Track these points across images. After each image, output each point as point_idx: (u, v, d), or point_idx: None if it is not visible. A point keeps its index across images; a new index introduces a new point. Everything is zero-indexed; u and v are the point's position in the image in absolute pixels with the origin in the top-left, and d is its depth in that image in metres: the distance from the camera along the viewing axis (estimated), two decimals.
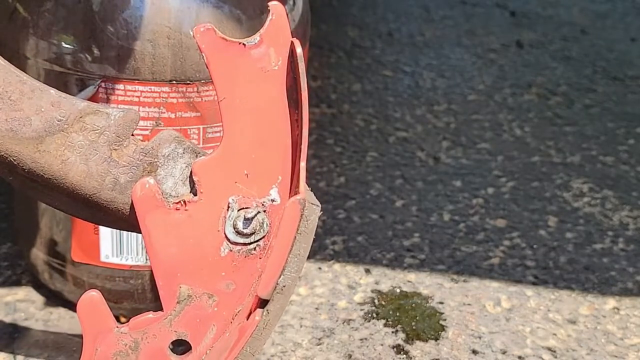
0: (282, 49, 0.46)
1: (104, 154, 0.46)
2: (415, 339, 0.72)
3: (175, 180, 0.46)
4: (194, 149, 0.47)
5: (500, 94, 1.20)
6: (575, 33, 1.44)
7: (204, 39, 0.45)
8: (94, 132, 0.46)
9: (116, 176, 0.46)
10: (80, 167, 0.46)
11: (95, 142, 0.46)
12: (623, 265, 0.84)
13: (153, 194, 0.45)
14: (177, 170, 0.46)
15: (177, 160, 0.46)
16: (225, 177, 0.46)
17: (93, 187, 0.46)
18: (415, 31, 1.40)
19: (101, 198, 0.46)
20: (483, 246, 0.86)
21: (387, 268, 0.81)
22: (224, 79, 0.46)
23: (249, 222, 0.46)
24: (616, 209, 0.94)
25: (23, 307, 0.72)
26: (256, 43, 0.46)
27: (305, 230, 0.46)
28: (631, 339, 0.74)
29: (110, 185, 0.46)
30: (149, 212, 0.46)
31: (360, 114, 1.11)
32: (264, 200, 0.46)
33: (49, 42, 0.62)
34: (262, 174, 0.46)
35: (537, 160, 1.03)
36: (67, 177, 0.46)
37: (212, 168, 0.46)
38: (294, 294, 0.77)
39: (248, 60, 0.46)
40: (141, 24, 0.60)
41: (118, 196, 0.46)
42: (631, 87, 1.25)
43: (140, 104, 0.62)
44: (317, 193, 0.93)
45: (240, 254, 0.46)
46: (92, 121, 0.46)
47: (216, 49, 0.46)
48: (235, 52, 0.46)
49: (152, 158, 0.46)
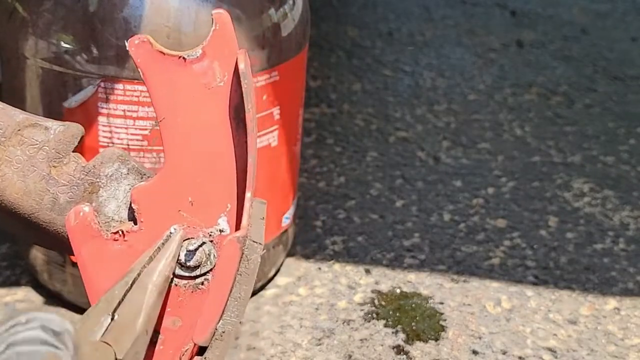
0: (228, 63, 0.42)
1: (42, 171, 0.43)
2: (415, 340, 0.72)
3: (118, 202, 0.43)
4: (139, 169, 0.44)
5: (501, 94, 1.19)
6: (576, 33, 1.43)
7: (139, 52, 0.41)
8: (32, 146, 0.42)
9: (55, 195, 0.43)
10: (17, 184, 0.43)
11: (34, 157, 0.42)
12: (624, 266, 0.84)
13: (88, 223, 0.42)
14: (121, 192, 0.43)
15: (121, 182, 0.43)
16: (168, 205, 0.42)
17: (31, 207, 0.43)
18: (415, 31, 1.40)
19: (39, 218, 0.43)
20: (483, 246, 0.86)
21: (387, 268, 0.81)
22: (164, 96, 0.42)
23: (193, 254, 0.42)
24: (617, 209, 0.94)
25: (22, 307, 0.72)
26: (198, 57, 0.42)
27: (246, 272, 0.42)
28: (632, 340, 0.74)
29: (48, 205, 0.43)
30: (85, 242, 0.42)
31: (360, 114, 1.11)
32: (212, 231, 0.42)
33: (48, 42, 0.61)
34: (208, 202, 0.42)
35: (537, 160, 1.03)
36: (4, 194, 0.43)
37: (153, 195, 0.42)
38: (293, 294, 0.77)
39: (189, 76, 0.42)
40: (140, 24, 0.60)
41: (57, 217, 0.43)
42: (632, 87, 1.24)
43: (139, 103, 0.62)
44: (317, 193, 0.93)
45: (187, 288, 0.42)
46: (31, 134, 0.43)
47: (153, 63, 0.42)
48: (175, 66, 0.42)
49: (93, 178, 0.43)
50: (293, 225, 0.80)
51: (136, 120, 0.62)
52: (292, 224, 0.79)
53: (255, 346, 0.70)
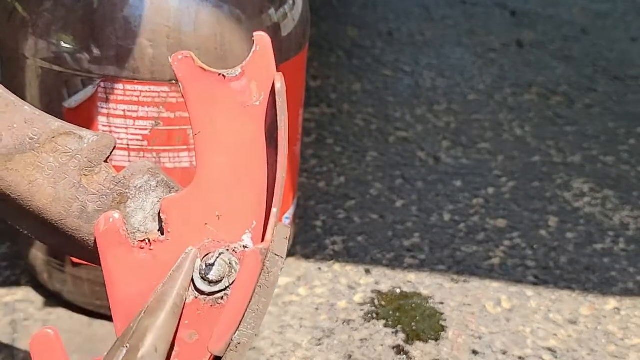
0: (265, 84, 0.43)
1: (73, 179, 0.43)
2: (416, 340, 0.72)
3: (145, 214, 0.44)
4: (168, 182, 0.44)
5: (501, 94, 1.19)
6: (576, 33, 1.43)
7: (182, 67, 0.42)
8: (65, 154, 0.43)
9: (84, 203, 0.43)
10: (47, 190, 0.43)
11: (66, 165, 0.43)
12: (624, 266, 0.84)
13: (117, 229, 0.43)
14: (148, 204, 0.44)
15: (149, 194, 0.44)
16: (195, 218, 0.43)
17: (59, 213, 0.43)
18: (415, 31, 1.40)
19: (67, 225, 0.44)
20: (483, 246, 0.86)
21: (387, 268, 0.81)
22: (201, 111, 0.43)
23: (217, 268, 0.42)
24: (617, 209, 0.94)
25: (22, 307, 0.72)
26: (237, 75, 0.43)
27: (265, 284, 0.42)
28: (632, 340, 0.74)
29: (76, 213, 0.43)
30: (111, 248, 0.43)
31: (360, 114, 1.11)
32: (236, 246, 0.43)
33: (48, 42, 0.61)
34: (235, 217, 0.43)
35: (537, 160, 1.03)
36: (33, 200, 0.43)
37: (182, 206, 0.43)
38: (293, 294, 0.77)
39: (227, 93, 0.43)
40: (140, 24, 0.60)
41: (84, 225, 0.44)
42: (632, 87, 1.24)
43: (139, 103, 0.62)
44: (317, 193, 0.93)
45: (207, 302, 0.43)
46: (65, 143, 0.43)
47: (194, 79, 0.43)
48: (214, 83, 0.43)
49: (123, 188, 0.44)
50: (293, 225, 0.80)
51: (136, 120, 0.62)
52: (292, 224, 0.79)
53: (255, 346, 0.70)
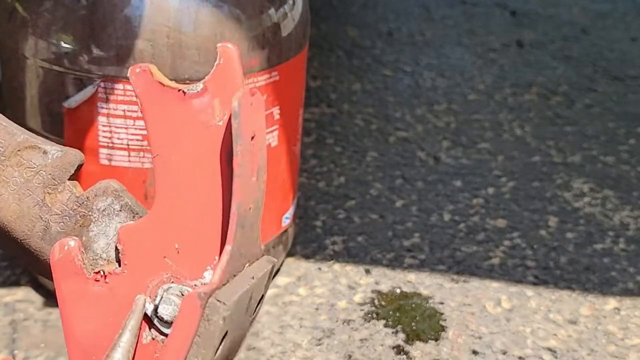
0: (230, 101, 0.38)
1: (37, 197, 0.42)
2: (416, 340, 0.72)
3: (107, 240, 0.42)
4: (132, 207, 0.42)
5: (501, 94, 1.19)
6: (576, 33, 1.43)
7: (139, 82, 0.39)
8: (29, 169, 0.42)
9: (47, 224, 0.42)
10: (12, 206, 0.42)
11: (30, 181, 0.42)
12: (624, 266, 0.84)
13: (72, 259, 0.40)
14: (111, 229, 0.42)
15: (112, 218, 0.42)
16: (154, 250, 0.40)
17: (23, 232, 0.42)
18: (415, 31, 1.40)
19: (31, 245, 0.43)
20: (483, 246, 0.86)
21: (387, 268, 0.81)
22: (160, 131, 0.39)
23: (170, 307, 0.39)
24: (617, 209, 0.94)
25: (22, 307, 0.72)
26: (198, 91, 0.39)
27: (205, 334, 0.38)
28: (632, 340, 0.74)
29: (39, 233, 0.42)
30: (66, 278, 0.40)
31: (360, 114, 1.11)
32: (196, 283, 0.39)
33: (48, 42, 0.61)
34: (195, 251, 0.39)
35: (537, 160, 1.03)
36: (0, 214, 0.42)
37: (140, 236, 0.40)
38: (293, 294, 0.77)
39: (188, 111, 0.39)
40: (140, 24, 0.60)
41: (46, 247, 0.42)
42: (632, 87, 1.24)
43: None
44: (317, 193, 0.93)
45: (165, 343, 0.39)
46: (30, 157, 0.42)
47: (152, 95, 0.39)
48: (174, 100, 0.39)
49: (86, 210, 0.42)
50: (293, 225, 0.80)
51: (136, 120, 0.62)
52: (292, 224, 0.79)
53: (255, 346, 0.70)
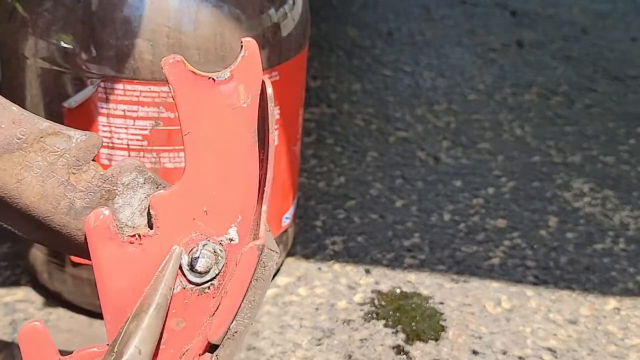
0: (253, 87, 0.45)
1: (61, 177, 0.44)
2: (416, 340, 0.72)
3: (132, 210, 0.45)
4: (155, 180, 0.46)
5: (501, 94, 1.19)
6: (576, 33, 1.43)
7: (173, 71, 0.44)
8: (53, 153, 0.44)
9: (72, 200, 0.45)
10: (35, 188, 0.44)
11: (54, 164, 0.44)
12: (624, 266, 0.84)
13: (107, 225, 0.44)
14: (136, 200, 0.45)
15: (137, 190, 0.45)
16: (184, 213, 0.45)
17: (47, 210, 0.45)
18: (415, 31, 1.40)
19: (54, 221, 0.45)
20: (483, 246, 0.86)
21: (387, 268, 0.81)
22: (190, 113, 0.45)
23: (204, 260, 0.45)
24: (617, 209, 0.94)
25: (22, 307, 0.72)
26: (226, 79, 0.45)
27: (261, 277, 0.45)
28: (632, 340, 0.74)
29: (64, 210, 0.45)
30: (102, 243, 0.44)
31: (360, 114, 1.11)
32: (222, 239, 0.45)
33: (48, 42, 0.61)
34: (221, 212, 0.45)
35: (537, 160, 1.03)
36: (21, 197, 0.44)
37: (170, 203, 0.45)
38: (293, 294, 0.77)
39: (216, 96, 0.45)
40: (140, 24, 0.60)
41: (72, 221, 0.45)
42: (632, 87, 1.24)
43: (139, 103, 0.62)
44: (317, 193, 0.93)
45: (193, 292, 0.45)
46: (53, 142, 0.44)
47: (184, 82, 0.44)
48: (204, 86, 0.45)
49: (111, 185, 0.45)
50: (293, 225, 0.80)
51: (136, 120, 0.62)
52: (292, 224, 0.79)
53: (255, 346, 0.70)
